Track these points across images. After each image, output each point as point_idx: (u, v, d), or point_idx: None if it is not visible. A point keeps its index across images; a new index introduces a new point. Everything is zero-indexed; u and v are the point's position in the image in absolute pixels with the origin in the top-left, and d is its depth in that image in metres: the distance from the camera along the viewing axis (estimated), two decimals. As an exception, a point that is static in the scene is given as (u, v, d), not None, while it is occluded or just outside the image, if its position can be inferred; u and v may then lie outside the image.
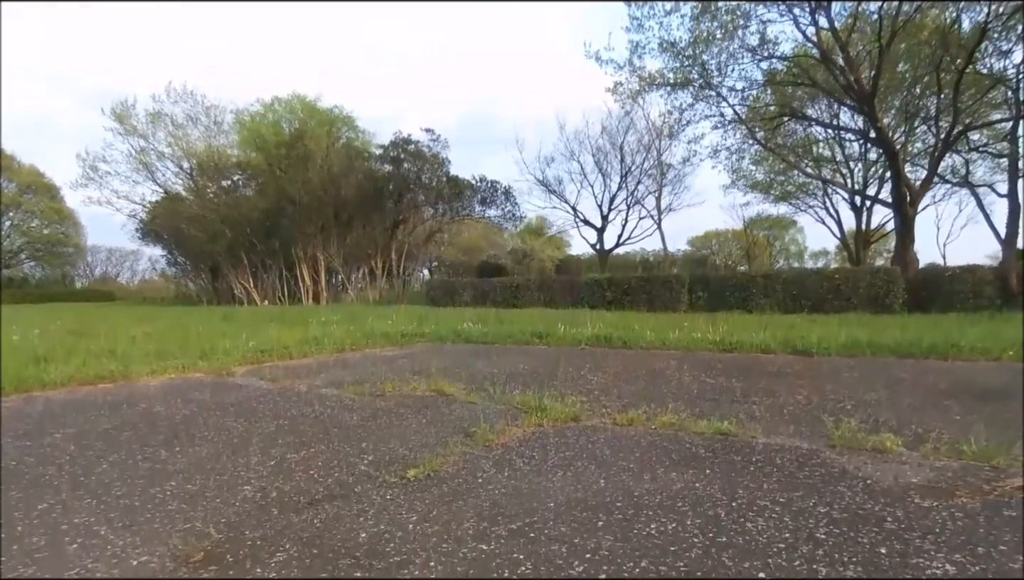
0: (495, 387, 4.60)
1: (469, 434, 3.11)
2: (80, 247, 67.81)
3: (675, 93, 15.30)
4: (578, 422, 3.40)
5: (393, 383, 4.65)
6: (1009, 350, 5.67)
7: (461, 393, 4.32)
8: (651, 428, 3.20)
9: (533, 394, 4.14)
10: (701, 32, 14.21)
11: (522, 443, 2.95)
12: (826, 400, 3.97)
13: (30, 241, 60.04)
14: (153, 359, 5.80)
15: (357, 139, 31.33)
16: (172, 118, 32.41)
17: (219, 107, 33.17)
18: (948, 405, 3.78)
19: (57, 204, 58.97)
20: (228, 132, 33.23)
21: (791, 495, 2.16)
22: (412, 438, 3.09)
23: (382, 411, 3.78)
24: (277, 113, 30.32)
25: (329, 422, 3.51)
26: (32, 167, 58.28)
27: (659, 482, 2.33)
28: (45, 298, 55.84)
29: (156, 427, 3.41)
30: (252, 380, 5.14)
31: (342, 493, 2.26)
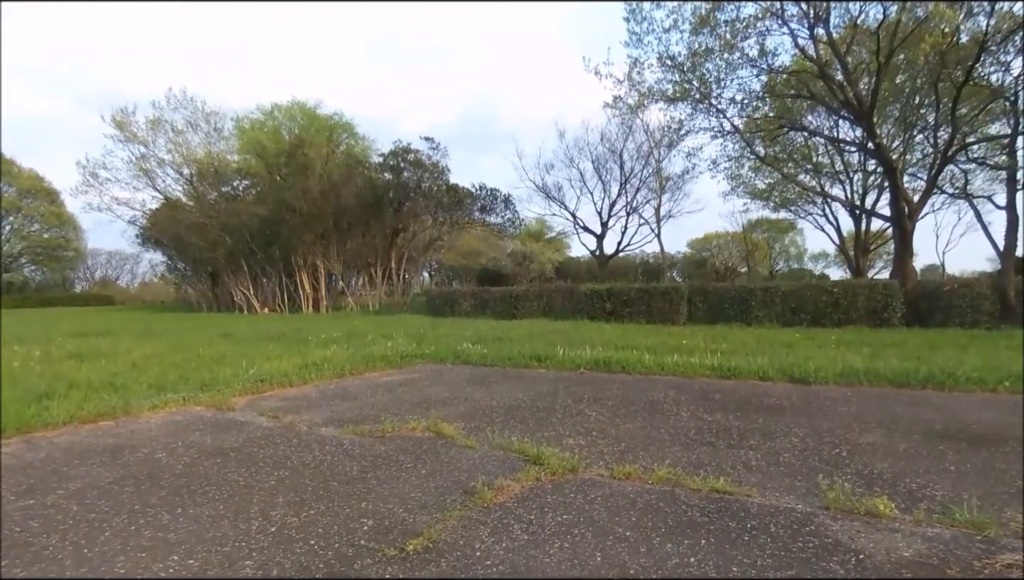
0: (493, 426, 4.65)
1: (468, 491, 3.14)
2: (80, 251, 67.85)
3: (674, 105, 15.35)
4: (576, 474, 3.43)
5: (392, 422, 4.68)
6: (1005, 381, 5.69)
7: (460, 434, 4.35)
8: (648, 484, 3.22)
9: (531, 437, 4.19)
10: (700, 45, 14.26)
11: (520, 503, 2.98)
12: (822, 444, 4.01)
13: (30, 245, 60.03)
14: (153, 392, 5.82)
15: (357, 146, 31.41)
16: (172, 124, 32.49)
17: (219, 113, 33.29)
18: (943, 451, 3.81)
19: (57, 208, 59.02)
20: (228, 138, 33.35)
21: (785, 573, 2.19)
22: (411, 495, 3.12)
23: (382, 459, 3.81)
24: (277, 120, 30.41)
25: (329, 473, 3.54)
26: (32, 171, 58.36)
27: (655, 555, 2.36)
28: (45, 302, 55.91)
29: (158, 481, 3.44)
30: (252, 416, 5.17)
31: (342, 570, 2.29)
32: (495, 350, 8.89)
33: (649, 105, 15.48)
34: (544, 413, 5.13)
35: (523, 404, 5.52)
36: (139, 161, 32.66)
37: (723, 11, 13.78)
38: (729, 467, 3.53)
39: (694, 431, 4.41)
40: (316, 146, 27.72)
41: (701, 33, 14.04)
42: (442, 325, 14.77)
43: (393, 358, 8.41)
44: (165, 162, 33.31)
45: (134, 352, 8.87)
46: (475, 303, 21.25)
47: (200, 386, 6.18)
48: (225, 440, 4.34)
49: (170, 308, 46.28)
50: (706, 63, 14.40)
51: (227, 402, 5.60)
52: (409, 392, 6.27)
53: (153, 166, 33.31)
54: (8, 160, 55.36)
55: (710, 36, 14.41)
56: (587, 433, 4.39)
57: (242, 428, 4.72)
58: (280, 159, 25.53)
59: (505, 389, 6.37)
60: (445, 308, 20.57)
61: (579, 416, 4.98)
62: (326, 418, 5.05)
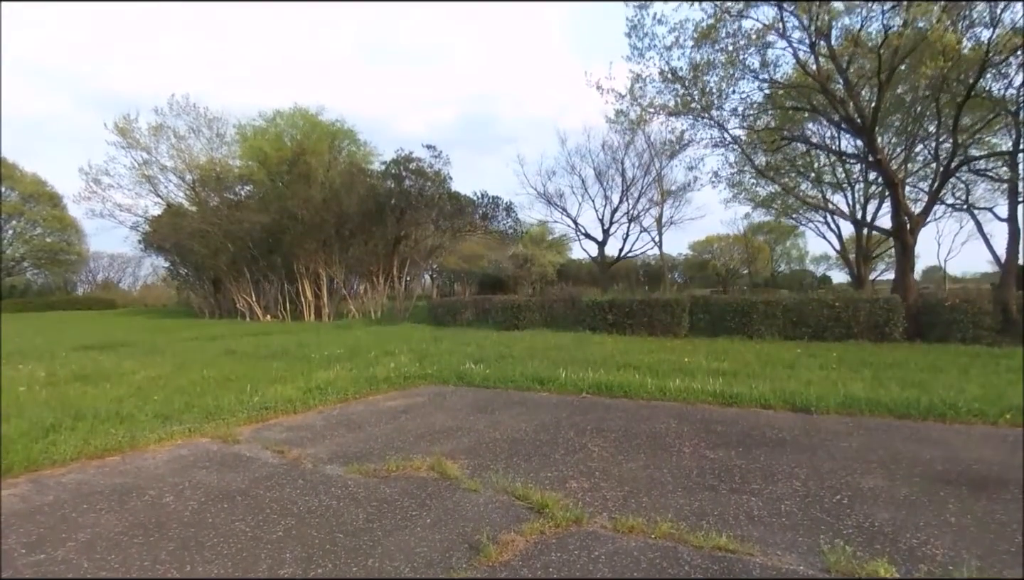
0: (497, 463, 4.69)
1: (473, 545, 3.18)
2: (82, 255, 67.98)
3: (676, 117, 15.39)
4: (580, 526, 3.46)
5: (396, 460, 4.71)
6: (1006, 413, 5.72)
7: (464, 475, 4.39)
8: (651, 539, 3.25)
9: (534, 478, 4.23)
10: (702, 58, 14.28)
11: (525, 561, 3.02)
12: (823, 489, 4.03)
13: (32, 249, 60.14)
14: (159, 423, 5.86)
15: (359, 152, 31.52)
16: (175, 130, 32.63)
17: (221, 119, 33.41)
18: (943, 498, 3.83)
19: (59, 212, 59.14)
20: (231, 144, 33.47)
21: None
22: (417, 551, 3.15)
23: (387, 505, 3.85)
24: (279, 127, 30.48)
25: (335, 522, 3.57)
26: (35, 176, 58.50)
27: (658, 627, 2.39)
28: (47, 306, 56.02)
29: (166, 531, 3.48)
30: (258, 449, 5.21)
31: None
32: (497, 371, 8.92)
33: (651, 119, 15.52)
34: (547, 447, 5.16)
35: (526, 437, 5.55)
36: (141, 167, 32.81)
37: (725, 24, 13.82)
38: (732, 518, 3.56)
39: (696, 472, 4.44)
40: (318, 153, 27.79)
41: (703, 46, 14.06)
42: (444, 337, 14.80)
43: (396, 380, 8.45)
44: (167, 168, 33.48)
45: (139, 374, 8.92)
46: (477, 312, 21.30)
47: (205, 415, 6.22)
48: (232, 480, 4.38)
49: (172, 312, 46.34)
50: (708, 76, 14.44)
51: (232, 433, 5.64)
52: (412, 420, 6.31)
53: (155, 172, 33.49)
54: (11, 164, 55.53)
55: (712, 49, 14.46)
56: (590, 474, 4.42)
57: (248, 465, 4.76)
58: (282, 167, 25.60)
59: (508, 417, 6.41)
60: (447, 317, 20.62)
61: (582, 452, 5.01)
62: (331, 453, 5.09)
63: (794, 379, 8.03)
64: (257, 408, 6.48)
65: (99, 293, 72.48)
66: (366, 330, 18.42)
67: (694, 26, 13.12)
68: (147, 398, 7.07)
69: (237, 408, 6.43)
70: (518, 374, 8.55)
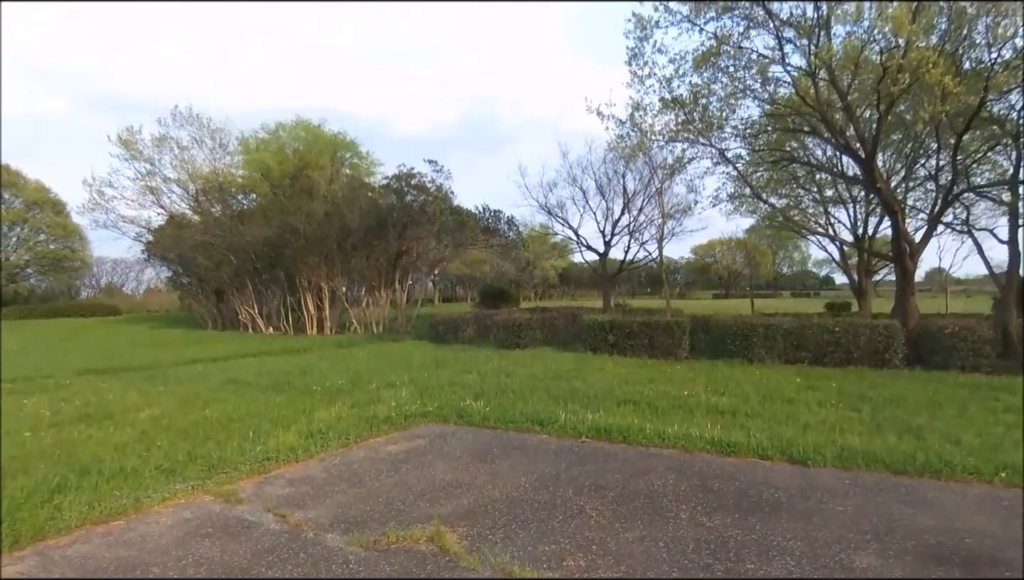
0: (496, 531, 4.75)
1: (470, 645, 3.24)
2: (86, 262, 68.32)
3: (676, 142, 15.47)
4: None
5: (396, 531, 4.77)
6: (1002, 472, 5.77)
7: (462, 549, 4.45)
8: (645, 638, 3.31)
9: (531, 553, 4.30)
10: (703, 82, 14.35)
11: (521, 666, 3.08)
12: (817, 566, 4.09)
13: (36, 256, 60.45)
14: (163, 478, 5.95)
15: (361, 164, 31.66)
16: (178, 141, 32.82)
17: (224, 129, 33.60)
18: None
19: (63, 219, 59.49)
20: (234, 153, 33.66)
21: None
22: (415, 652, 3.22)
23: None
24: (281, 139, 30.62)
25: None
26: (38, 182, 58.91)
27: None
28: (50, 313, 56.30)
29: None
30: (260, 512, 5.27)
31: None
32: (497, 409, 8.99)
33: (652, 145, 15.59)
34: (545, 511, 5.22)
35: (525, 496, 5.60)
36: (145, 178, 32.96)
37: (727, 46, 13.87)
38: (725, 608, 3.62)
39: (692, 546, 4.49)
40: (320, 167, 27.92)
41: (704, 70, 14.12)
42: (446, 361, 14.87)
43: (397, 420, 8.52)
44: (170, 179, 33.64)
45: (142, 411, 9.00)
46: (478, 329, 21.39)
47: (208, 467, 6.30)
48: (234, 554, 4.44)
49: (175, 319, 46.55)
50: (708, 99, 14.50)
51: (234, 490, 5.72)
52: (413, 472, 6.37)
53: (159, 183, 33.64)
54: (14, 171, 55.85)
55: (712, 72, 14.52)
56: (587, 548, 4.47)
57: (250, 533, 4.83)
58: (284, 181, 25.73)
59: (507, 467, 6.47)
60: (449, 334, 20.70)
61: (579, 518, 5.07)
62: (332, 516, 5.16)
63: (792, 421, 8.08)
64: (259, 459, 6.55)
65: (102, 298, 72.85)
66: (368, 349, 18.50)
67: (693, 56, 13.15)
68: (151, 443, 7.16)
69: (239, 459, 6.51)
70: (518, 413, 8.62)
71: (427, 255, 26.98)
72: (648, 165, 20.53)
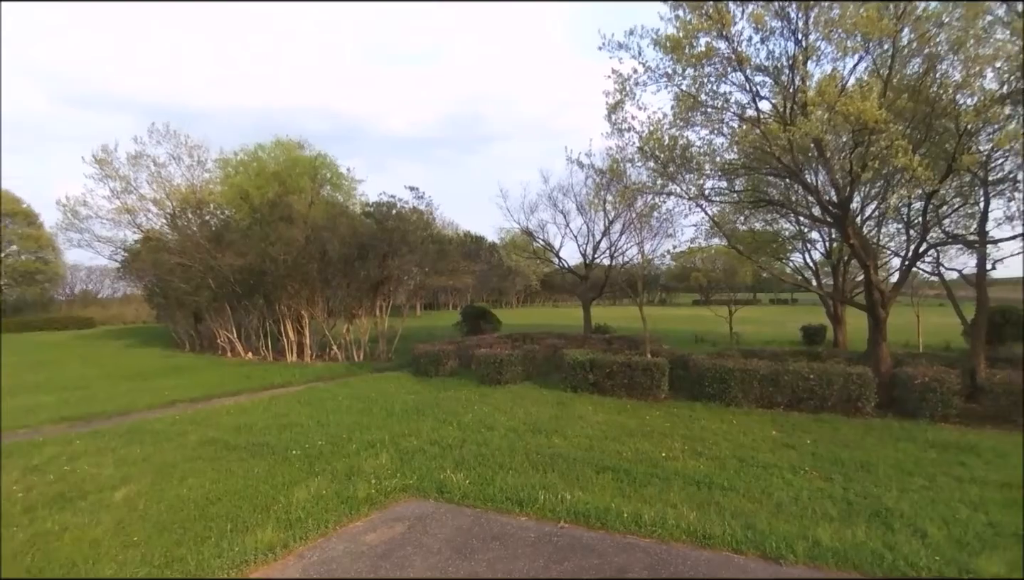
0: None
1: None
2: (59, 273, 67.01)
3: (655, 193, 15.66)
4: None
5: (375, 668, 4.81)
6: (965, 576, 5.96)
7: None
8: None
9: None
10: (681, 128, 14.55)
11: None
12: None
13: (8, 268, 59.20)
14: None
15: (342, 185, 31.48)
16: (154, 159, 32.42)
17: (202, 147, 33.29)
18: None
19: (36, 230, 58.37)
20: (212, 170, 33.34)
21: None
22: None
23: None
24: (261, 161, 30.33)
25: None
26: (8, 193, 57.60)
27: None
28: (23, 326, 55.22)
29: None
30: (237, 638, 5.28)
31: None
32: (478, 482, 9.05)
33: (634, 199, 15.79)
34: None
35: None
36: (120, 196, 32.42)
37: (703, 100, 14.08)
38: None
39: None
40: (299, 190, 27.71)
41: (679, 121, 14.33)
42: (426, 408, 14.83)
43: (377, 497, 8.53)
44: (147, 197, 33.16)
45: (119, 490, 8.90)
46: (459, 361, 21.42)
47: (185, 574, 6.27)
48: None
49: (152, 334, 45.88)
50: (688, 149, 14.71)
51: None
52: (393, 572, 6.40)
53: (135, 202, 33.14)
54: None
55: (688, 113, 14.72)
56: None
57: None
58: (264, 208, 25.51)
59: (484, 566, 6.52)
60: (430, 368, 20.68)
61: (556, 643, 5.14)
62: (310, 643, 5.17)
63: (766, 498, 8.24)
64: (237, 562, 6.53)
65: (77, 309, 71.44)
66: (348, 388, 18.40)
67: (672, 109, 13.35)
68: (127, 539, 7.11)
69: (216, 564, 6.48)
70: (497, 490, 8.69)
71: (408, 282, 26.94)
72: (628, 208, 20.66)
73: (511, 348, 20.43)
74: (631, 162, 15.04)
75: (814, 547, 6.71)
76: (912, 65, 13.38)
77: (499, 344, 22.20)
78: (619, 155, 14.98)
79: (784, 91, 12.57)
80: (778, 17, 12.34)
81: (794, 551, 6.66)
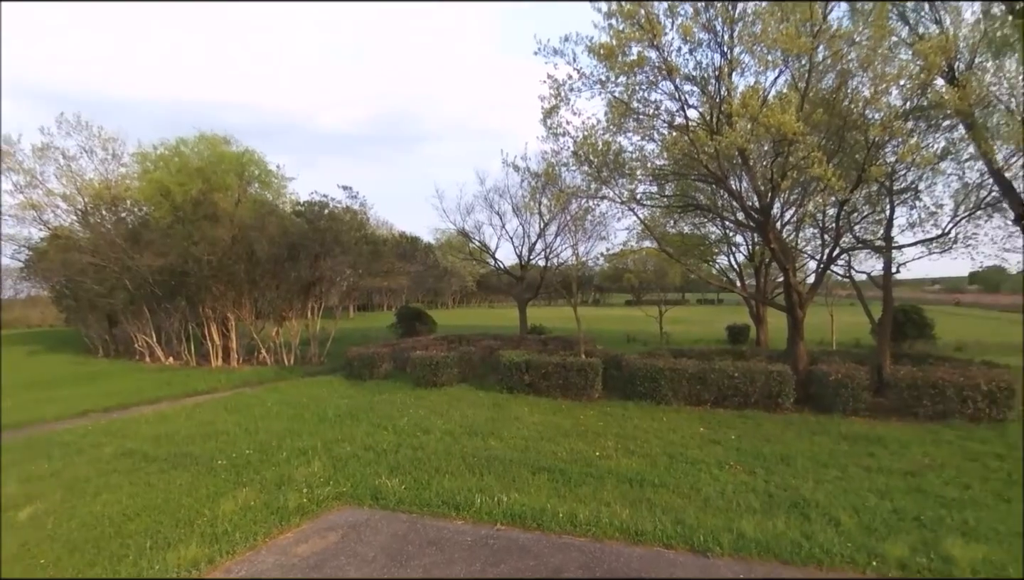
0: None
1: None
2: (-47, 273, 61.31)
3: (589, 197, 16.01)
4: None
5: None
6: (873, 560, 6.40)
7: None
8: None
9: None
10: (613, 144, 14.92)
11: None
12: None
13: None
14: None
15: (270, 185, 30.31)
16: (63, 151, 30.38)
17: (118, 140, 31.45)
18: None
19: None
20: (129, 165, 31.50)
21: None
22: None
23: None
24: (184, 156, 28.80)
25: None
26: None
27: None
28: (-91, 331, 50.20)
29: None
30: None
31: None
32: (413, 487, 8.96)
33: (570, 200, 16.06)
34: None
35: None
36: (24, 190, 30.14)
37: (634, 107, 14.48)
38: None
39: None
40: (225, 188, 26.54)
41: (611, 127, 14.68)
42: (360, 410, 14.57)
43: (309, 507, 8.30)
44: (54, 192, 30.96)
45: (22, 511, 8.24)
46: (395, 364, 21.13)
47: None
48: None
49: (60, 339, 42.84)
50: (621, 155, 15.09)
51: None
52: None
53: (40, 197, 30.88)
54: None
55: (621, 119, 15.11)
56: None
57: None
58: (187, 206, 24.27)
59: (422, 573, 6.47)
60: (364, 371, 20.28)
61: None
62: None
63: (695, 494, 8.56)
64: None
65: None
66: (278, 393, 17.80)
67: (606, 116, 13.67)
68: (33, 561, 6.62)
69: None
70: (433, 494, 8.63)
71: (342, 284, 26.31)
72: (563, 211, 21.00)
73: (447, 350, 20.33)
74: (566, 166, 15.37)
75: (739, 539, 7.03)
76: (827, 80, 14.26)
77: (435, 346, 22.05)
78: (554, 159, 15.31)
79: (711, 101, 13.14)
80: (705, 29, 12.88)
81: (720, 544, 6.95)
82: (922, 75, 11.73)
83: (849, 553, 6.61)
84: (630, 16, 12.54)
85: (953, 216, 15.29)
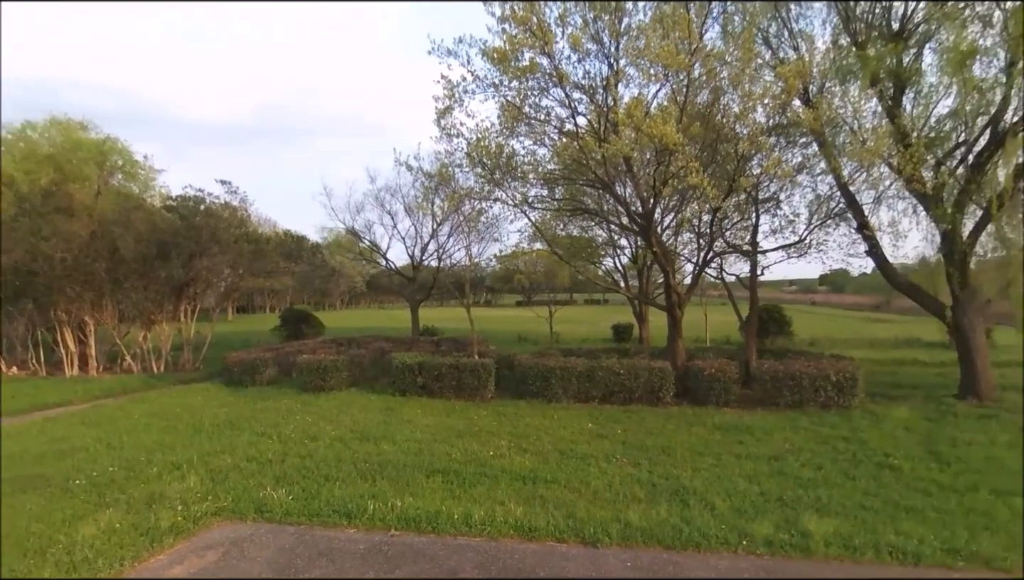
0: None
1: None
2: None
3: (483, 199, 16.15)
4: None
5: None
6: (744, 540, 6.96)
7: None
8: None
9: None
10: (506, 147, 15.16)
11: None
12: None
13: None
14: None
15: (136, 177, 27.76)
16: None
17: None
18: None
19: None
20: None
21: None
22: None
23: None
24: (32, 141, 25.65)
25: None
26: None
27: None
28: None
29: None
30: None
31: None
32: (301, 497, 8.56)
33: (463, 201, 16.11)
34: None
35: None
36: None
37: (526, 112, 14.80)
38: None
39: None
40: (83, 179, 23.99)
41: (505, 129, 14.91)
42: (241, 419, 13.74)
43: (184, 525, 7.69)
44: None
45: None
46: (279, 369, 20.11)
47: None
48: None
49: None
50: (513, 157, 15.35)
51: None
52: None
53: None
54: None
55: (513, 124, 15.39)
56: None
57: None
58: (35, 197, 21.63)
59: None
60: (245, 377, 19.11)
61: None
62: None
63: (584, 487, 8.88)
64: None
65: None
66: (146, 403, 16.35)
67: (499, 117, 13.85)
68: None
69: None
70: (323, 503, 8.31)
71: (219, 284, 24.62)
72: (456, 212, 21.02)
73: (336, 353, 19.66)
74: (460, 167, 15.41)
75: (626, 528, 7.38)
76: (702, 96, 15.36)
77: (323, 349, 21.23)
78: (448, 160, 15.32)
79: (599, 109, 13.72)
80: (594, 40, 13.42)
81: (609, 534, 7.26)
82: (783, 96, 12.96)
83: (723, 534, 7.14)
84: (523, 22, 12.80)
85: (808, 224, 17.04)
